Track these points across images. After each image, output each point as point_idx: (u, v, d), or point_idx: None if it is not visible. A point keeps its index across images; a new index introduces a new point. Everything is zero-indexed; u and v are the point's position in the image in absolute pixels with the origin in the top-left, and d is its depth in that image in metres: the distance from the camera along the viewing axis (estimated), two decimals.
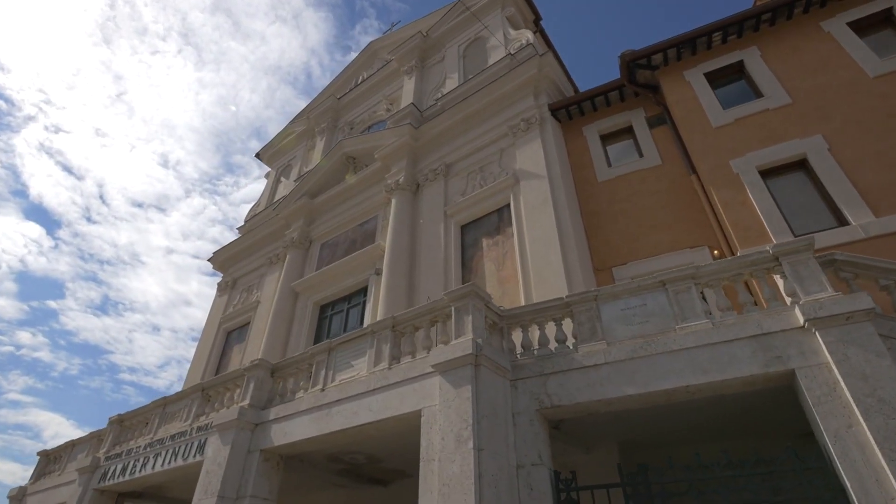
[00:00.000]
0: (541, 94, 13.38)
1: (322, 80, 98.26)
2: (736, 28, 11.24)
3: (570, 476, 5.68)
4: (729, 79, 11.22)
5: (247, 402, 8.01)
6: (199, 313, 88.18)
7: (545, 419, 6.08)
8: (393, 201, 14.48)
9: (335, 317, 14.74)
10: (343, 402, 6.88)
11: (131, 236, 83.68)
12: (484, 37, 17.08)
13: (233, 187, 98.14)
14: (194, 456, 8.09)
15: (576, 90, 15.76)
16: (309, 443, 7.09)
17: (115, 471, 9.44)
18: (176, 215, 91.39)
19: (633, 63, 11.88)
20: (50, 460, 12.27)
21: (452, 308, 6.60)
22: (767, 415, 6.32)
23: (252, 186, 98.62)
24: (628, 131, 12.56)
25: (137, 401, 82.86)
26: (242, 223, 21.62)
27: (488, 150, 13.53)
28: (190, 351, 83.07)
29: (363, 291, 14.31)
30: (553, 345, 6.63)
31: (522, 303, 9.95)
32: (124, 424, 10.63)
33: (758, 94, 10.51)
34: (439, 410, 5.70)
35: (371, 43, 22.44)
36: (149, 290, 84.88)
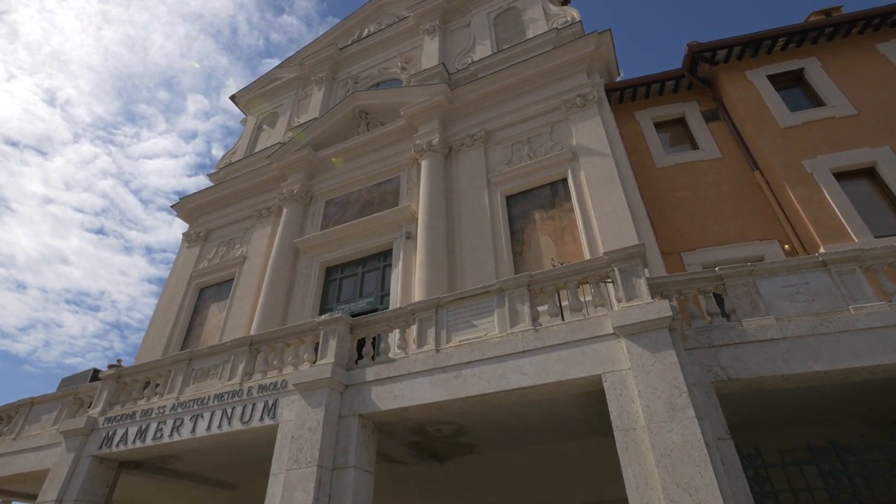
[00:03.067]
0: (594, 72, 13.09)
1: (249, 39, 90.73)
2: (796, 38, 11.69)
3: (755, 452, 5.42)
4: (787, 84, 11.64)
5: (331, 359, 6.87)
6: (77, 273, 77.72)
7: (716, 392, 5.75)
8: (424, 163, 13.47)
9: (346, 280, 13.46)
10: (477, 364, 6.08)
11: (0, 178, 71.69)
12: (518, 8, 16.47)
13: (132, 139, 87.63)
14: (261, 419, 6.80)
15: (618, 73, 15.67)
16: (429, 408, 6.19)
17: (124, 435, 7.74)
18: (59, 161, 79.45)
19: (698, 55, 11.96)
20: None
21: (616, 269, 6.05)
22: None
23: (156, 141, 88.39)
24: (680, 122, 12.66)
25: None
26: (215, 171, 19.24)
27: (536, 121, 13.00)
28: (65, 315, 73.64)
29: (384, 255, 13.20)
30: (705, 317, 6.33)
31: None
32: (122, 381, 8.81)
33: (818, 101, 11.00)
34: (634, 376, 5.15)
35: None
36: (16, 242, 73.37)
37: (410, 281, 11.86)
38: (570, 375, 5.55)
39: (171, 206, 18.26)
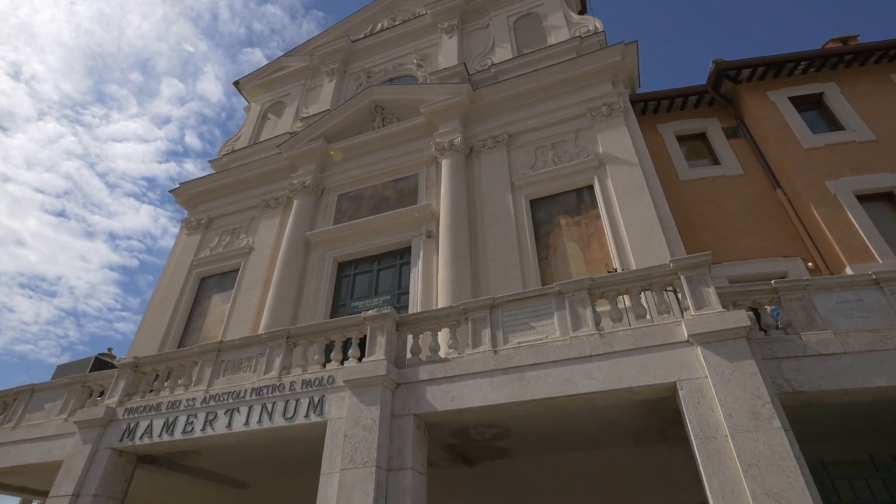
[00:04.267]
0: (618, 82, 13.22)
1: (230, 26, 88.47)
2: (816, 62, 12.07)
3: (819, 463, 5.49)
4: (806, 106, 12.00)
5: (381, 356, 6.67)
6: (34, 256, 73.79)
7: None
8: (445, 162, 13.35)
9: (360, 277, 13.19)
10: (541, 366, 5.99)
11: None
12: (538, 14, 16.54)
13: (101, 120, 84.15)
14: (306, 415, 6.54)
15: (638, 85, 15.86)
16: (488, 410, 6.07)
17: (148, 428, 7.34)
18: (21, 138, 75.34)
19: (723, 72, 12.22)
20: None
21: (683, 277, 6.07)
22: None
23: (125, 124, 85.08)
24: (699, 137, 12.91)
25: None
26: (217, 157, 18.64)
27: (560, 127, 13.04)
28: (17, 300, 69.92)
29: (400, 253, 13.00)
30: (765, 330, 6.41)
31: None
32: (140, 371, 8.38)
33: (837, 125, 11.38)
34: (713, 384, 5.15)
35: None
36: None
37: (431, 280, 11.70)
38: (642, 382, 5.51)
39: (170, 192, 17.59)
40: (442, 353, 7.05)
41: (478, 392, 6.10)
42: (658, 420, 6.93)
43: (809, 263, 9.95)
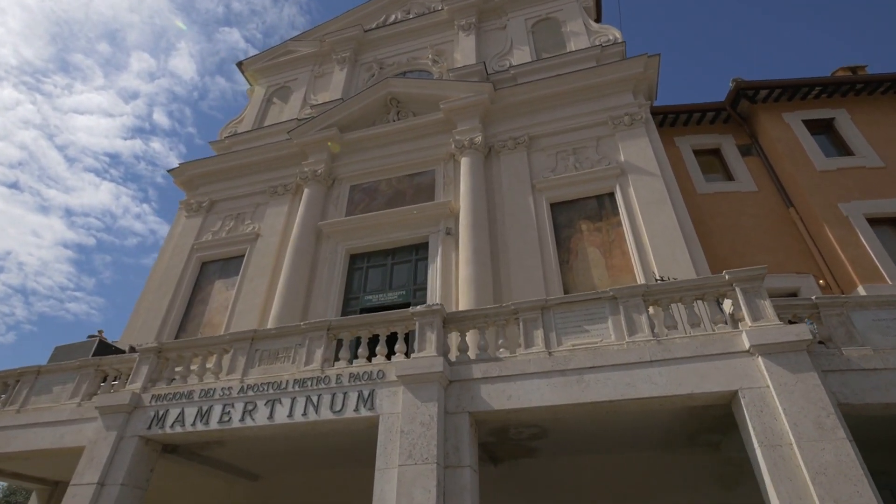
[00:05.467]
0: (639, 93, 13.48)
1: (207, 3, 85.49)
2: (829, 88, 12.59)
3: (881, 473, 5.73)
4: (818, 130, 12.50)
5: (433, 352, 6.62)
6: None
7: None
8: (464, 160, 13.33)
9: (373, 270, 13.03)
10: (599, 370, 6.06)
11: None
12: (557, 19, 16.69)
13: (64, 90, 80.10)
14: (356, 409, 6.42)
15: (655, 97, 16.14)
16: (545, 411, 6.10)
17: (179, 416, 7.07)
18: None
19: (742, 91, 12.61)
20: None
21: (738, 289, 6.24)
22: None
23: (89, 96, 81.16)
24: (713, 153, 13.29)
25: None
26: (219, 138, 18.08)
27: (580, 133, 13.20)
28: None
29: (416, 248, 12.91)
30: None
31: None
32: (164, 357, 8.06)
33: (847, 150, 11.90)
34: (776, 394, 5.32)
35: None
36: None
37: (450, 277, 11.67)
38: (703, 388, 5.65)
39: (169, 171, 16.96)
40: (490, 352, 7.03)
41: (536, 392, 6.13)
42: (696, 425, 7.13)
43: (821, 281, 10.38)
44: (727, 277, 6.37)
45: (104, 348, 10.55)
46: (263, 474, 9.72)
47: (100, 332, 14.59)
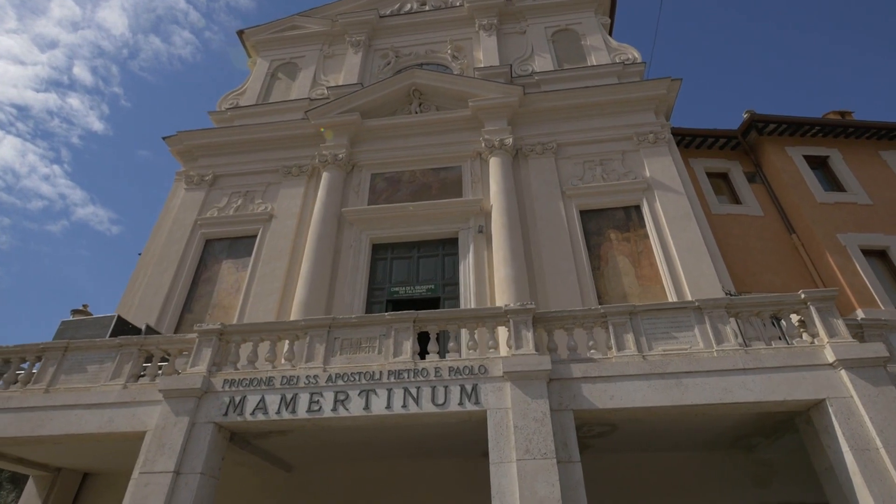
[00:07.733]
0: (660, 113, 14.26)
1: None
2: (826, 129, 13.97)
3: None
4: (814, 165, 13.84)
5: (532, 349, 6.79)
6: None
7: None
8: (493, 161, 13.51)
9: (397, 262, 12.91)
10: (696, 375, 6.50)
11: None
12: (576, 31, 17.23)
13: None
14: (460, 403, 6.45)
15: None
16: (644, 411, 6.45)
17: (260, 403, 6.75)
18: None
19: (754, 123, 13.70)
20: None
21: (813, 307, 6.90)
22: None
23: (0, 39, 72.71)
24: (723, 177, 14.33)
25: None
26: (217, 109, 17.04)
27: (606, 146, 13.77)
28: None
29: (444, 243, 12.93)
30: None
31: None
32: (225, 339, 7.63)
33: (840, 187, 13.27)
34: (861, 404, 5.98)
35: None
36: None
37: (483, 275, 11.81)
38: (794, 396, 6.22)
39: (164, 139, 15.80)
40: (580, 352, 7.29)
41: (637, 393, 6.46)
42: (749, 428, 7.77)
43: None
44: (803, 296, 7.02)
45: (122, 326, 9.74)
46: (297, 465, 9.42)
47: (84, 305, 13.42)
